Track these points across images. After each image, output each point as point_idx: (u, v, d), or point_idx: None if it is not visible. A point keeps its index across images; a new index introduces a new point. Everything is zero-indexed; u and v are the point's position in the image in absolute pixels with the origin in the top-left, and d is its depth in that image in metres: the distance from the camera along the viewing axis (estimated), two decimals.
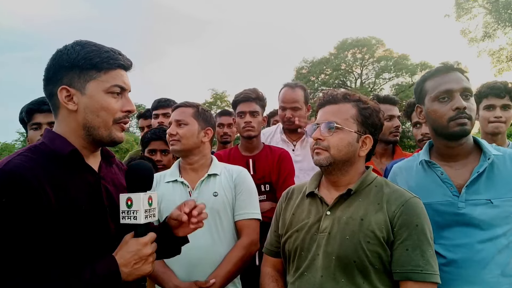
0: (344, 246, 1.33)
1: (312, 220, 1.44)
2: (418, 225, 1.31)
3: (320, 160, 1.43)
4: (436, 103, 1.52)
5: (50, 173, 1.08)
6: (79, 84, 1.15)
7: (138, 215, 1.15)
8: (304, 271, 1.41)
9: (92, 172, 1.22)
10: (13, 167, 1.03)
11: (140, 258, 1.13)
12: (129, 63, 1.23)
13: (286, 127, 2.72)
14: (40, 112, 1.98)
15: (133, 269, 1.13)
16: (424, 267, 1.27)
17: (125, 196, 1.17)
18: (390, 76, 31.90)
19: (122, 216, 1.17)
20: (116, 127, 1.20)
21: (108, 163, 1.33)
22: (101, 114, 1.17)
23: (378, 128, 1.50)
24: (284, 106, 2.64)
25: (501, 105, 2.22)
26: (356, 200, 1.41)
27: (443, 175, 1.53)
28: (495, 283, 1.40)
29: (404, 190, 1.42)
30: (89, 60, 1.15)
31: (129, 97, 1.24)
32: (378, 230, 1.32)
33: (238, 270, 1.86)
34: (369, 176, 1.47)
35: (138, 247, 1.13)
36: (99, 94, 1.16)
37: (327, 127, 1.43)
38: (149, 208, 1.18)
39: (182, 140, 1.93)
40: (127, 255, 1.12)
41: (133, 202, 1.15)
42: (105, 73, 1.17)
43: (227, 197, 1.92)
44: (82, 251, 1.11)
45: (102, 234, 1.18)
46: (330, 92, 1.53)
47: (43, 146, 1.15)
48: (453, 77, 1.52)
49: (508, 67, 22.92)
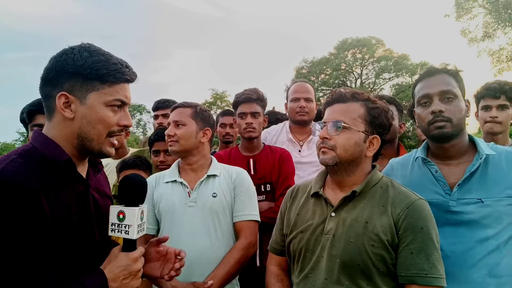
0: (348, 249, 1.32)
1: (317, 221, 1.43)
2: (423, 228, 1.30)
3: (326, 160, 1.41)
4: (420, 107, 1.58)
5: (44, 182, 1.05)
6: (80, 93, 1.11)
7: (131, 230, 1.12)
8: (308, 273, 1.40)
9: (82, 180, 1.19)
10: (9, 174, 0.98)
11: (129, 273, 1.11)
12: (134, 77, 1.21)
13: (298, 119, 2.68)
14: (41, 113, 1.98)
15: (122, 284, 1.10)
16: (429, 271, 1.26)
17: (117, 208, 1.14)
18: (390, 76, 31.91)
19: (112, 229, 1.14)
20: (107, 141, 1.17)
21: (95, 169, 1.30)
22: (97, 126, 1.13)
23: (386, 129, 1.48)
24: (297, 96, 2.66)
25: (497, 105, 2.26)
26: (361, 202, 1.39)
27: (437, 173, 1.54)
28: (482, 283, 1.40)
29: (409, 192, 1.40)
30: (95, 70, 1.11)
31: (128, 112, 1.21)
32: (382, 233, 1.31)
33: (236, 271, 1.86)
34: (375, 177, 1.45)
35: (128, 262, 1.11)
36: (99, 106, 1.13)
37: (334, 126, 1.41)
38: (141, 222, 1.16)
39: (180, 141, 1.92)
40: (116, 269, 1.09)
41: (126, 216, 1.13)
42: (109, 86, 1.14)
43: (226, 198, 1.92)
44: (69, 259, 1.09)
45: (87, 243, 1.15)
46: (339, 90, 1.51)
47: (35, 150, 1.10)
48: (434, 81, 1.53)
49: (508, 67, 22.92)
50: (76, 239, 1.11)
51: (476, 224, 1.43)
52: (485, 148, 1.52)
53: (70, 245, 1.09)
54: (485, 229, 1.42)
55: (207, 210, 1.86)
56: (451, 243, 1.44)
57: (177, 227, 1.84)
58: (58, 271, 1.05)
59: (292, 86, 2.77)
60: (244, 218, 1.92)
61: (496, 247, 1.41)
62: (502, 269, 1.41)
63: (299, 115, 2.66)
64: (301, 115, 2.66)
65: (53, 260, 1.05)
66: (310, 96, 2.68)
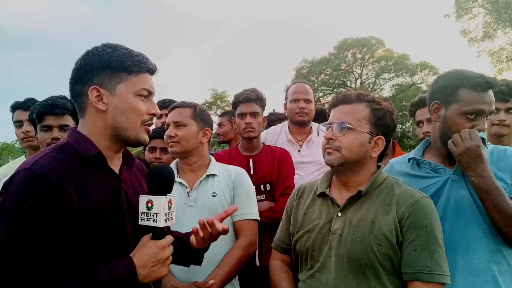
0: (355, 248, 1.34)
1: (324, 220, 1.45)
2: (427, 225, 1.32)
3: (331, 160, 1.43)
4: (463, 117, 1.51)
5: (75, 175, 1.10)
6: (110, 85, 1.17)
7: (158, 218, 1.15)
8: (316, 271, 1.42)
9: (114, 175, 1.23)
10: (40, 167, 1.05)
11: (157, 261, 1.14)
12: (155, 69, 1.27)
13: (298, 120, 2.70)
14: (51, 114, 2.00)
15: (150, 271, 1.13)
16: (433, 268, 1.28)
17: (146, 198, 1.17)
18: (390, 76, 31.90)
19: (141, 218, 1.17)
20: (142, 129, 1.23)
21: (128, 165, 1.35)
22: (130, 115, 1.19)
23: (391, 129, 1.49)
24: (297, 97, 2.68)
25: (505, 108, 2.24)
26: (367, 201, 1.41)
27: (431, 165, 1.58)
28: (484, 269, 1.43)
29: (414, 190, 1.41)
30: (121, 62, 1.17)
31: (154, 101, 1.27)
32: (388, 232, 1.33)
33: (237, 271, 1.86)
34: (380, 177, 1.46)
35: (156, 250, 1.14)
36: (129, 96, 1.19)
37: (340, 127, 1.43)
38: (169, 211, 1.18)
39: (181, 142, 1.92)
40: (145, 257, 1.13)
41: (154, 205, 1.16)
42: (135, 76, 1.20)
43: (226, 198, 1.92)
44: (100, 252, 1.12)
45: (120, 237, 1.20)
46: (344, 91, 1.53)
47: (69, 146, 1.17)
48: (489, 98, 1.51)
49: (508, 67, 22.92)
50: (106, 232, 1.15)
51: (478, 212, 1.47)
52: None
53: (100, 237, 1.13)
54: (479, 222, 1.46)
55: (206, 209, 1.87)
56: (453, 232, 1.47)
57: (176, 227, 1.84)
58: (88, 263, 1.09)
59: (291, 86, 2.78)
60: (244, 218, 1.92)
61: (496, 234, 1.44)
62: (502, 256, 1.44)
63: (299, 116, 2.68)
64: (300, 116, 2.67)
65: (81, 249, 1.09)
66: (309, 97, 2.70)
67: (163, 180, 1.22)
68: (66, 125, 2.00)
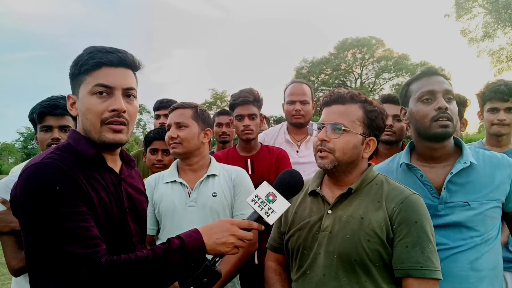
0: (345, 244, 1.34)
1: (314, 218, 1.45)
2: (417, 221, 1.32)
3: (324, 164, 1.42)
4: (420, 103, 1.56)
5: (82, 170, 1.14)
6: (76, 90, 1.21)
7: (273, 216, 1.18)
8: (306, 270, 1.43)
9: (114, 173, 1.26)
10: (49, 159, 1.09)
11: (224, 232, 1.17)
12: (112, 59, 1.17)
13: (294, 121, 2.70)
14: (51, 115, 2.00)
15: (216, 241, 1.16)
16: (424, 264, 1.28)
17: (271, 189, 1.20)
18: (390, 76, 31.96)
19: (253, 199, 1.20)
20: (105, 128, 1.17)
21: (129, 166, 1.36)
22: (88, 116, 1.17)
23: (381, 130, 1.50)
24: (293, 99, 2.67)
25: (505, 108, 2.26)
26: (356, 198, 1.42)
27: (423, 177, 1.57)
28: (464, 276, 1.46)
29: (403, 187, 1.42)
30: (78, 66, 1.18)
31: (120, 96, 1.18)
32: (378, 228, 1.33)
33: (237, 270, 1.86)
34: (370, 174, 1.47)
35: (228, 226, 1.19)
36: (86, 96, 1.17)
37: (334, 128, 1.40)
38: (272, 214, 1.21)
39: (183, 142, 1.92)
40: (213, 228, 1.19)
41: (276, 202, 1.18)
42: (89, 75, 1.17)
43: (226, 198, 1.93)
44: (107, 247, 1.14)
45: (124, 232, 1.23)
46: (337, 90, 1.50)
47: (69, 146, 1.19)
48: (436, 79, 1.56)
49: (508, 67, 22.93)
50: (112, 226, 1.18)
51: (462, 226, 1.49)
52: (469, 155, 1.55)
53: (107, 231, 1.15)
54: (470, 231, 1.48)
55: (207, 209, 1.88)
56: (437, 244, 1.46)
57: (177, 227, 1.84)
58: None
59: (288, 87, 2.78)
60: (244, 217, 1.93)
61: (478, 243, 1.47)
62: (483, 263, 1.47)
63: (295, 118, 2.69)
64: (296, 118, 2.68)
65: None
66: (306, 99, 2.68)
67: (297, 188, 1.25)
68: (66, 126, 1.99)
